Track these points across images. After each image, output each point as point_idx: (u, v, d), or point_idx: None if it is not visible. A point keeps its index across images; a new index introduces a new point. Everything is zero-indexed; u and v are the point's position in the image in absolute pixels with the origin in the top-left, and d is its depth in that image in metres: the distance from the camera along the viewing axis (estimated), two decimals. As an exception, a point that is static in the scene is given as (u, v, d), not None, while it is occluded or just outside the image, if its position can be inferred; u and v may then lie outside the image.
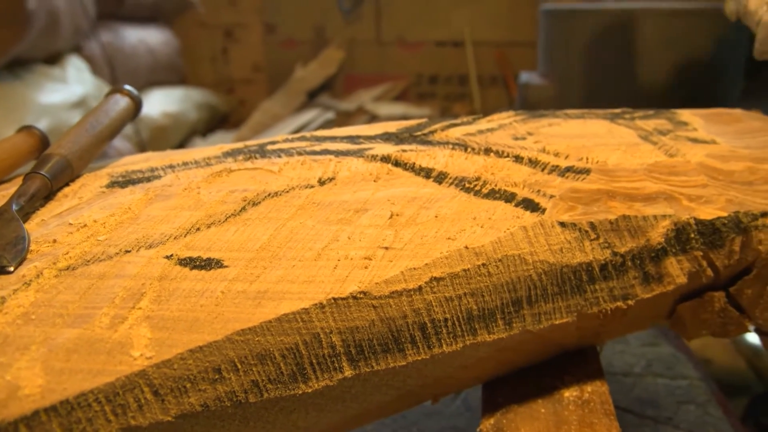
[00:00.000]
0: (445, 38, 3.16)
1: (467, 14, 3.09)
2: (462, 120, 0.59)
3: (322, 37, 3.28)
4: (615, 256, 0.46)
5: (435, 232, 0.42)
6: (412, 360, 0.42)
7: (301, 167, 0.49)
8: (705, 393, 0.77)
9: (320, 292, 0.38)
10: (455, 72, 3.18)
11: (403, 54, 3.21)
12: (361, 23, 3.21)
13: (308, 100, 3.11)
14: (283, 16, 3.29)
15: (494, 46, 3.12)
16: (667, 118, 0.63)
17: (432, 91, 3.23)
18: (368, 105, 2.96)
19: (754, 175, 0.54)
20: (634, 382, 0.78)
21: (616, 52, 1.47)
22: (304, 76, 3.14)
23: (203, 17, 3.29)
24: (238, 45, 3.39)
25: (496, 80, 3.16)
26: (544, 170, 0.49)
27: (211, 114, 3.08)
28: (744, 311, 0.55)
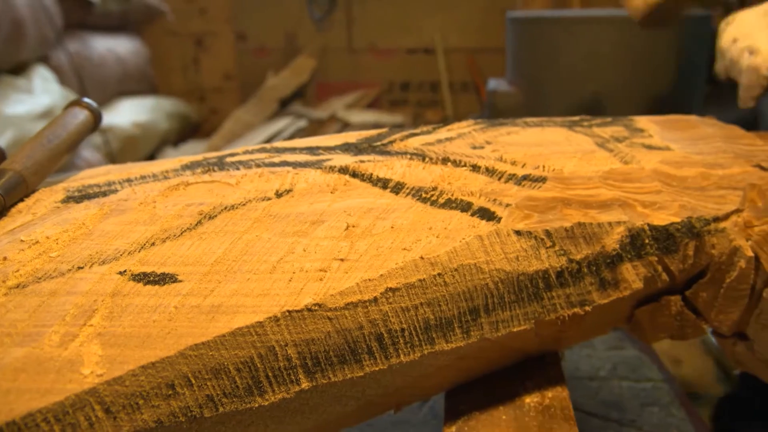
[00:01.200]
0: (416, 45, 3.17)
1: (438, 21, 3.11)
2: (422, 129, 0.59)
3: (294, 45, 3.27)
4: (571, 263, 0.47)
5: (391, 243, 0.43)
6: (369, 371, 0.42)
7: (258, 179, 0.49)
8: (668, 394, 0.78)
9: (275, 305, 0.38)
10: (427, 79, 3.20)
11: (374, 61, 3.22)
12: (332, 31, 3.21)
13: (280, 108, 3.10)
14: (253, 24, 3.28)
15: (465, 53, 3.14)
16: (624, 125, 0.64)
17: (404, 98, 3.24)
18: (340, 113, 2.96)
19: (706, 181, 0.55)
20: (600, 386, 0.79)
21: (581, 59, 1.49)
22: (276, 85, 3.13)
23: (173, 26, 3.27)
24: (208, 53, 3.38)
25: (467, 87, 3.18)
26: (500, 179, 0.50)
27: (182, 123, 3.06)
28: (700, 314, 0.56)
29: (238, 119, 3.01)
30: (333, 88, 3.24)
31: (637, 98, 1.48)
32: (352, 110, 3.05)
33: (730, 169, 0.57)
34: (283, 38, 3.28)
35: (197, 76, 3.40)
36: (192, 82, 3.40)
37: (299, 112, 3.00)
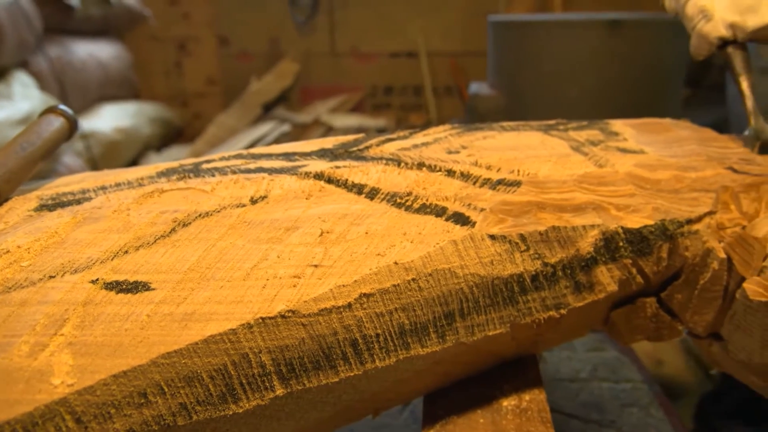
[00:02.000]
0: (399, 49, 3.18)
1: (421, 25, 3.12)
2: (398, 135, 0.60)
3: (277, 49, 3.27)
4: (546, 266, 0.47)
5: (365, 249, 0.43)
6: (345, 376, 0.42)
7: (233, 186, 0.49)
8: (647, 395, 0.79)
9: (248, 312, 0.38)
10: (410, 82, 3.20)
11: (358, 65, 3.22)
12: (315, 35, 3.22)
13: (264, 112, 3.10)
14: (236, 28, 3.28)
15: (448, 56, 3.16)
16: (600, 129, 0.65)
17: (387, 101, 3.25)
18: (324, 117, 2.96)
19: (680, 183, 0.56)
20: (580, 388, 0.80)
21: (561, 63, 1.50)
22: (260, 89, 3.13)
23: (155, 31, 3.26)
24: (191, 58, 3.37)
25: (450, 90, 3.19)
26: (475, 183, 0.50)
27: (165, 128, 3.05)
28: (676, 315, 0.57)
29: (222, 124, 3.00)
30: (316, 93, 3.24)
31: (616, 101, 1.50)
32: (335, 114, 3.05)
33: (703, 172, 0.58)
34: (266, 43, 3.28)
35: (180, 80, 3.39)
36: (175, 87, 3.39)
37: (283, 117, 2.99)
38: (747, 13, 0.66)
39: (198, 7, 3.29)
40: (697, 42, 0.70)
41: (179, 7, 3.28)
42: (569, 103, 1.48)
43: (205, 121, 3.20)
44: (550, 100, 1.52)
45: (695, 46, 0.71)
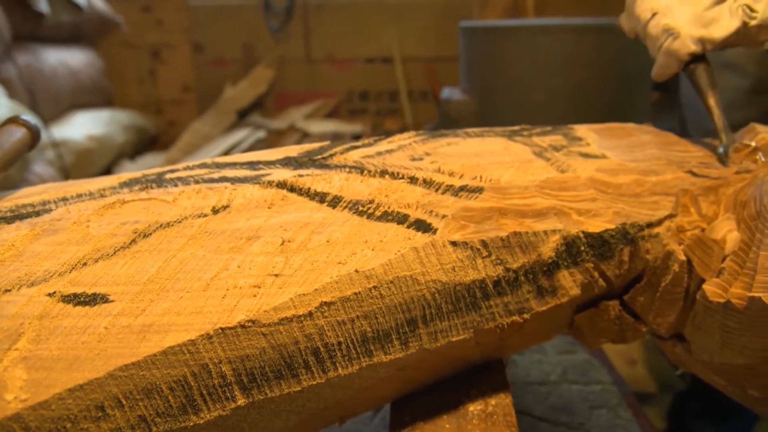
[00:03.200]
0: (374, 55, 3.19)
1: (395, 31, 3.13)
2: (363, 142, 0.60)
3: (252, 55, 3.26)
4: (508, 272, 0.48)
5: (326, 257, 0.43)
6: (307, 385, 0.42)
7: (196, 196, 0.49)
8: (616, 397, 0.80)
9: (207, 322, 0.38)
10: (385, 88, 3.21)
11: (333, 71, 3.22)
12: (290, 41, 3.21)
13: (239, 119, 3.08)
14: (211, 35, 3.26)
15: (423, 62, 3.17)
16: (563, 134, 0.65)
17: (363, 107, 3.25)
18: (299, 123, 2.96)
19: (640, 187, 0.57)
20: (550, 390, 0.80)
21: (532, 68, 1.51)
22: (234, 96, 3.12)
23: (128, 37, 3.23)
24: (165, 65, 3.34)
25: (426, 95, 3.20)
26: (438, 190, 0.51)
27: (139, 136, 3.02)
28: (639, 317, 0.58)
29: (196, 131, 2.99)
30: (292, 99, 3.24)
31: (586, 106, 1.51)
32: (311, 120, 3.05)
33: (664, 176, 0.59)
34: (240, 49, 3.26)
35: (154, 88, 3.37)
36: (149, 94, 3.37)
37: (258, 123, 2.99)
38: (711, 25, 0.67)
39: (172, 14, 3.27)
40: (666, 61, 0.70)
41: (152, 14, 3.26)
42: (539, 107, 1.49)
43: (180, 129, 3.17)
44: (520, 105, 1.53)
45: (663, 65, 0.71)
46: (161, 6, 3.24)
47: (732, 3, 0.67)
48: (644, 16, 0.71)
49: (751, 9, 0.66)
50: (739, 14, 0.67)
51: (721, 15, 0.67)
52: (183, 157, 2.86)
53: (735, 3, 0.67)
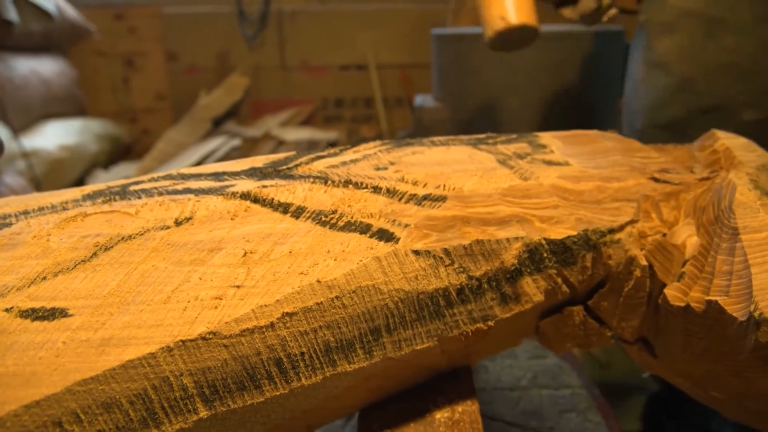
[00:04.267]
0: (349, 62, 3.19)
1: (370, 38, 3.14)
2: (329, 152, 0.60)
3: (226, 63, 3.25)
4: (471, 279, 0.48)
5: (288, 268, 0.43)
6: (270, 396, 0.42)
7: (159, 208, 0.49)
8: (586, 400, 0.80)
9: (168, 335, 0.38)
10: (361, 95, 3.22)
11: (308, 78, 3.22)
12: (264, 49, 3.21)
13: (214, 127, 3.07)
14: (184, 43, 3.25)
15: (398, 68, 3.18)
16: (528, 142, 0.66)
17: (338, 114, 3.25)
18: (275, 131, 2.95)
19: (602, 194, 0.57)
20: (520, 396, 0.81)
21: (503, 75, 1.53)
22: (209, 104, 3.10)
23: (101, 46, 3.21)
24: (139, 73, 3.32)
25: (401, 101, 3.22)
26: (401, 200, 0.51)
27: (113, 145, 3.00)
28: (603, 322, 0.59)
29: (171, 140, 2.97)
30: (267, 106, 3.23)
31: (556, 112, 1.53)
32: (286, 128, 3.04)
33: (626, 182, 0.60)
34: (214, 57, 3.25)
35: (128, 96, 3.34)
36: (122, 103, 3.34)
37: (233, 131, 2.98)
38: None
39: (145, 22, 3.26)
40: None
41: (125, 22, 3.24)
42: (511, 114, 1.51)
43: (154, 137, 3.16)
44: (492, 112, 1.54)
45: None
46: (134, 14, 3.22)
47: None
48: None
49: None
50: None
51: None
52: (157, 166, 2.84)
53: None
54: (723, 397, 0.57)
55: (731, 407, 0.57)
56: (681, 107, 0.90)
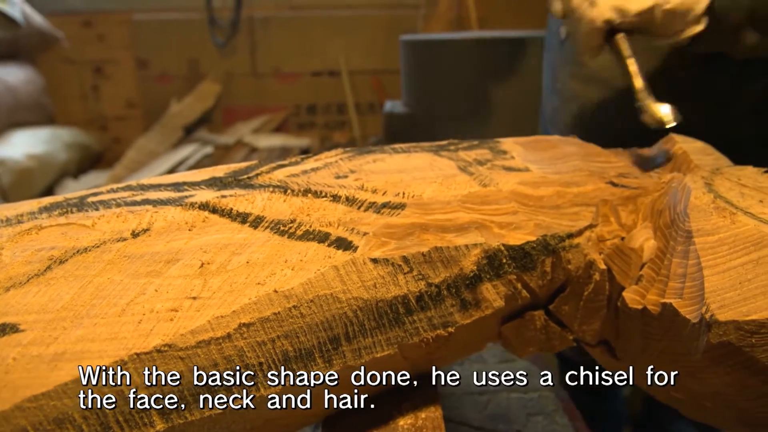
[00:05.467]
0: (321, 68, 3.19)
1: (341, 44, 3.14)
2: (290, 161, 0.60)
3: (197, 70, 3.23)
4: (430, 286, 0.48)
5: (245, 278, 0.43)
6: (228, 407, 0.42)
7: (116, 220, 0.48)
8: (553, 403, 0.81)
9: (122, 348, 0.38)
10: (333, 101, 3.22)
11: (280, 85, 3.22)
12: (236, 56, 3.20)
13: (185, 135, 3.05)
14: (155, 50, 3.22)
15: (370, 74, 3.19)
16: (489, 148, 0.67)
17: (311, 120, 3.25)
18: (247, 138, 2.94)
19: (561, 199, 0.58)
20: (489, 399, 0.81)
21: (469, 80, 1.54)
22: (180, 111, 3.08)
23: (70, 53, 3.17)
24: (109, 81, 3.29)
25: (374, 107, 3.22)
26: (360, 208, 0.51)
27: (82, 154, 2.96)
28: (565, 326, 0.59)
29: (142, 148, 2.95)
30: (239, 113, 3.22)
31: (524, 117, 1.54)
32: (258, 135, 3.03)
33: (585, 187, 0.60)
34: (185, 64, 3.23)
35: (97, 104, 3.31)
36: (92, 111, 3.31)
37: (205, 139, 2.96)
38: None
39: (114, 29, 3.23)
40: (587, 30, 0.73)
41: (94, 29, 3.20)
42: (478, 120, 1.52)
43: (125, 146, 3.12)
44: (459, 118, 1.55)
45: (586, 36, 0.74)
46: (103, 21, 3.19)
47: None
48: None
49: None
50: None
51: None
52: (128, 174, 2.81)
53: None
54: (682, 397, 0.57)
55: (690, 407, 0.58)
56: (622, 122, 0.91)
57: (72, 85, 3.26)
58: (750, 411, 0.51)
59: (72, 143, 2.87)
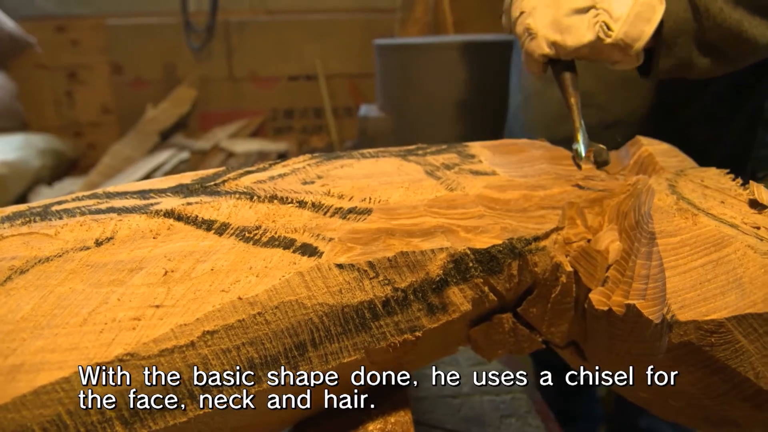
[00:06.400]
0: (297, 72, 3.19)
1: (318, 48, 3.14)
2: (258, 167, 0.60)
3: (173, 75, 3.21)
4: (396, 291, 0.48)
5: (209, 286, 0.43)
6: (194, 415, 0.41)
7: (79, 228, 0.48)
8: (526, 405, 0.82)
9: (83, 358, 0.38)
10: (310, 105, 3.22)
11: (256, 89, 3.21)
12: (212, 60, 3.18)
13: (161, 141, 3.03)
14: (130, 55, 3.20)
15: (347, 78, 3.19)
16: (457, 152, 0.67)
17: (288, 125, 3.24)
18: (224, 143, 2.93)
19: (528, 202, 0.59)
20: (462, 403, 0.82)
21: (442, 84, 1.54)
22: (156, 116, 3.06)
23: (43, 58, 3.14)
24: (83, 87, 3.26)
25: (351, 111, 3.22)
26: (326, 213, 0.51)
27: (57, 160, 2.93)
28: (534, 328, 0.60)
29: (117, 154, 2.92)
30: (216, 118, 3.21)
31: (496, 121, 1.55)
32: (235, 140, 3.02)
33: (551, 190, 0.61)
34: (161, 69, 3.21)
35: (72, 110, 3.27)
36: (66, 117, 3.27)
37: (181, 144, 2.94)
38: (566, 32, 0.70)
39: (88, 34, 3.20)
40: (526, 59, 0.75)
41: (67, 34, 3.17)
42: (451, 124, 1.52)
43: (101, 152, 3.10)
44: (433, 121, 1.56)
45: (525, 63, 0.76)
46: (76, 26, 3.16)
47: (592, 17, 0.70)
48: (514, 15, 0.75)
49: (608, 27, 0.69)
50: (595, 29, 0.69)
51: (579, 25, 0.70)
52: (104, 181, 2.79)
53: (594, 18, 0.70)
54: (649, 396, 0.58)
55: (657, 405, 0.59)
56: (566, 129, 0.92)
57: (45, 90, 3.22)
58: (713, 409, 0.52)
59: (46, 150, 2.84)
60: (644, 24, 0.69)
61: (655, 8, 0.70)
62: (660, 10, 0.70)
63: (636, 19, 0.69)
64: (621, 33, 0.69)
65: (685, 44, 0.73)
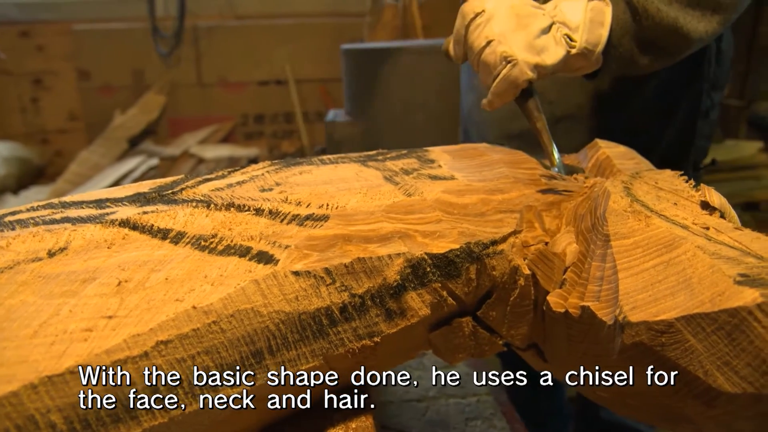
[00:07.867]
0: (267, 77, 3.18)
1: (287, 53, 3.14)
2: (216, 174, 0.60)
3: (142, 81, 3.19)
4: (353, 297, 0.49)
5: (163, 295, 0.42)
6: (149, 426, 0.41)
7: (32, 239, 0.48)
8: (492, 407, 0.82)
9: (32, 371, 0.37)
10: (281, 110, 3.21)
11: (226, 95, 3.19)
12: (181, 66, 3.16)
13: (130, 147, 3.00)
14: (97, 61, 3.16)
15: (317, 82, 3.19)
16: (417, 157, 0.67)
17: (259, 130, 3.23)
18: (194, 149, 2.91)
19: (486, 206, 0.59)
20: (428, 406, 0.82)
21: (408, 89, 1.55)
22: (124, 123, 3.03)
23: (6, 65, 3.09)
24: (49, 93, 3.21)
25: (321, 115, 3.22)
26: (283, 221, 0.51)
27: (22, 168, 2.89)
28: (494, 331, 0.60)
29: (85, 161, 2.89)
30: (186, 124, 3.18)
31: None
32: (205, 146, 3.00)
33: (509, 194, 0.62)
34: (129, 75, 3.18)
35: (38, 117, 3.23)
36: (32, 124, 3.22)
37: (150, 151, 2.91)
38: (542, 53, 0.71)
39: (54, 40, 3.16)
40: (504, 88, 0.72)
41: (32, 40, 3.13)
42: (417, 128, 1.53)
43: (68, 159, 3.06)
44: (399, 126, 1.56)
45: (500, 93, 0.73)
46: (41, 31, 3.12)
47: (555, 32, 0.72)
48: (478, 44, 0.72)
49: (570, 38, 0.72)
50: (563, 43, 0.72)
51: (549, 43, 0.72)
52: (72, 188, 2.75)
53: (558, 32, 0.72)
54: (607, 396, 0.59)
55: (616, 404, 0.60)
56: None
57: (10, 97, 3.17)
58: (670, 406, 0.53)
59: (10, 157, 2.80)
60: (599, 28, 0.73)
61: (605, 11, 0.73)
62: (609, 12, 0.73)
63: (591, 25, 0.72)
64: (583, 41, 0.73)
65: (628, 44, 0.77)
